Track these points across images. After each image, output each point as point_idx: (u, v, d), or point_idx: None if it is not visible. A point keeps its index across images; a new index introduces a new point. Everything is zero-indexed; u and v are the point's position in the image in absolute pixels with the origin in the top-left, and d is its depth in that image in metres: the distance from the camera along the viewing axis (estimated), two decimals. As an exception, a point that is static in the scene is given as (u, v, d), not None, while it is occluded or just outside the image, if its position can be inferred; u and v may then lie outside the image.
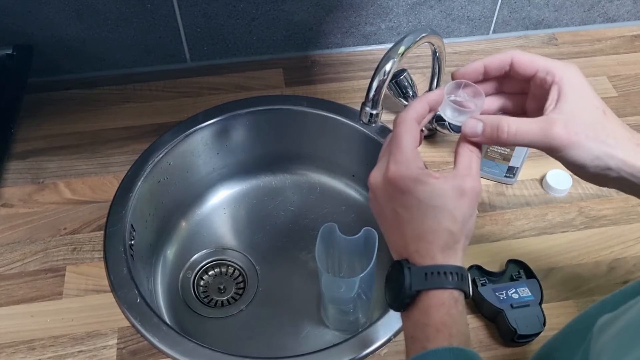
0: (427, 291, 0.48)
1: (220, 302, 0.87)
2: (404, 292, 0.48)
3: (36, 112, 0.91)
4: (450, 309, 0.48)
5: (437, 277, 0.48)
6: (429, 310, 0.48)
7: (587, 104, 0.50)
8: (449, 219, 0.49)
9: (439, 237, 0.49)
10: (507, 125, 0.50)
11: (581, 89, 0.50)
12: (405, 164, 0.50)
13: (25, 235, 0.76)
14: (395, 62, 0.63)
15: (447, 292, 0.48)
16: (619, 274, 0.73)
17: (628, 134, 0.50)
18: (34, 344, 0.67)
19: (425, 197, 0.49)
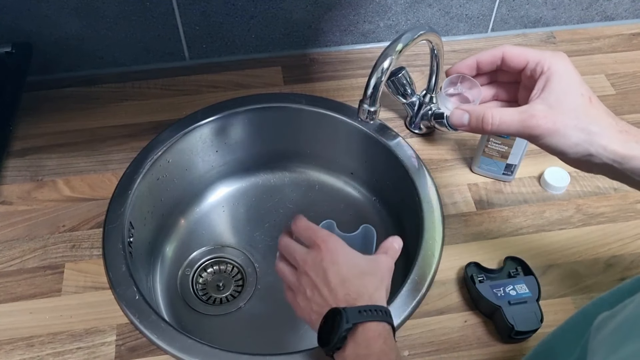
0: (362, 325, 0.55)
1: (219, 299, 0.88)
2: (342, 327, 0.54)
3: (35, 109, 0.91)
4: (386, 339, 0.55)
5: (370, 312, 0.55)
6: (369, 342, 0.54)
7: (572, 91, 0.51)
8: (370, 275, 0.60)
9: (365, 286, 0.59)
10: (492, 117, 0.52)
11: (567, 77, 0.52)
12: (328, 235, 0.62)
13: (24, 233, 0.77)
14: (393, 59, 0.63)
15: (382, 325, 0.55)
16: (616, 271, 0.73)
17: (612, 121, 0.51)
18: (33, 340, 0.67)
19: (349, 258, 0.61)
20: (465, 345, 0.67)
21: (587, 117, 0.51)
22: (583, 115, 0.51)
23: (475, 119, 0.53)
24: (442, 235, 0.76)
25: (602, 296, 0.50)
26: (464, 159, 0.85)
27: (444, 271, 0.73)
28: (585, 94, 0.52)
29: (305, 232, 0.64)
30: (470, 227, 0.78)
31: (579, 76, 0.53)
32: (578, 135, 0.51)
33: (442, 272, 0.73)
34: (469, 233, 0.77)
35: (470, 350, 0.66)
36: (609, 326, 0.41)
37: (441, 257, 0.74)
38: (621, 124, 0.52)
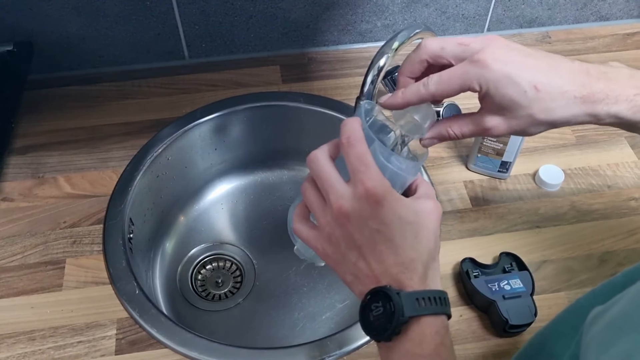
0: (418, 318, 0.46)
1: (217, 295, 0.89)
2: (397, 320, 0.45)
3: (36, 108, 0.92)
4: (444, 338, 0.46)
5: (429, 302, 0.46)
6: (424, 340, 0.46)
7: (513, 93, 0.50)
8: (425, 236, 0.48)
9: (421, 256, 0.48)
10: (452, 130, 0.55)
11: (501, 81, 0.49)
12: (380, 179, 0.47)
13: (25, 229, 0.77)
14: (389, 57, 0.64)
15: (440, 319, 0.47)
16: (610, 266, 0.74)
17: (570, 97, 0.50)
18: (34, 334, 0.68)
19: (403, 213, 0.47)
20: (461, 339, 0.68)
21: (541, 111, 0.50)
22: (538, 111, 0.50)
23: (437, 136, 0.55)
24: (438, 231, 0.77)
25: (594, 289, 0.51)
26: (460, 156, 0.86)
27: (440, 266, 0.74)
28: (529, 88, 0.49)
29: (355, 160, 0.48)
30: (466, 223, 0.79)
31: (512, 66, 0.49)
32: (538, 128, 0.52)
33: (438, 268, 0.74)
34: (465, 229, 0.78)
35: (466, 344, 0.67)
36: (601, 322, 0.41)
37: (437, 253, 0.75)
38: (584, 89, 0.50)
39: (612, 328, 0.39)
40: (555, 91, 0.50)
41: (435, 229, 0.49)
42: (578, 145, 0.88)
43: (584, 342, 0.42)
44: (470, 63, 0.50)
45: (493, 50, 0.50)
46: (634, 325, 0.37)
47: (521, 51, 0.51)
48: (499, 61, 0.49)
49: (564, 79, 0.50)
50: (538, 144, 0.87)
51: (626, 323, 0.38)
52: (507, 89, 0.49)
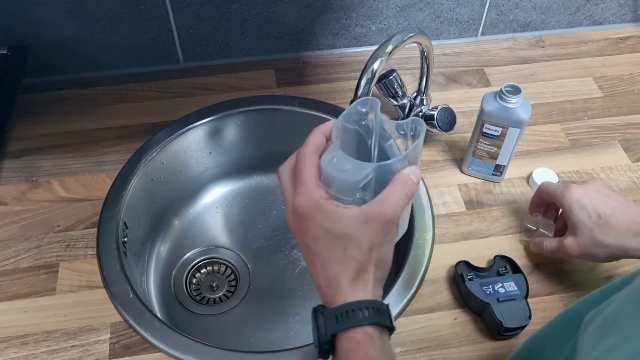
0: (342, 333, 0.47)
1: (212, 299, 0.88)
2: (321, 339, 0.48)
3: (30, 112, 0.91)
4: (367, 349, 0.47)
5: (347, 316, 0.47)
6: (348, 355, 0.47)
7: (583, 217, 0.65)
8: (353, 247, 0.48)
9: (345, 267, 0.48)
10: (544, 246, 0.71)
11: (577, 206, 0.66)
12: (307, 195, 0.49)
13: (19, 233, 0.77)
14: (383, 60, 0.64)
15: (360, 331, 0.47)
16: (603, 269, 0.74)
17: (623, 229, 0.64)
18: (28, 339, 0.67)
19: (329, 225, 0.48)
20: (456, 342, 0.68)
21: (600, 234, 0.64)
22: (598, 233, 0.64)
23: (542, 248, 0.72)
24: (432, 235, 0.77)
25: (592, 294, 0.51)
26: (454, 160, 0.87)
27: (434, 270, 0.74)
28: (594, 214, 0.65)
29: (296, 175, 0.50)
30: (460, 226, 0.79)
31: (586, 199, 0.66)
32: (600, 250, 0.65)
33: (432, 271, 0.74)
34: (459, 232, 0.78)
35: (460, 347, 0.67)
36: (593, 324, 0.41)
37: (432, 256, 0.75)
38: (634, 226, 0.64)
39: (602, 328, 0.40)
40: (613, 222, 0.64)
41: (368, 238, 0.48)
42: (572, 148, 0.88)
43: (579, 343, 0.42)
44: (565, 187, 0.68)
45: (585, 185, 0.68)
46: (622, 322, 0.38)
47: (605, 193, 0.67)
48: (582, 193, 0.66)
49: (624, 215, 0.64)
50: (532, 147, 0.88)
51: (616, 321, 0.39)
52: (579, 212, 0.66)
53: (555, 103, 0.95)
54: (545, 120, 0.92)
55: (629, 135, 0.90)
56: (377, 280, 0.49)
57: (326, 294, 0.49)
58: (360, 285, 0.48)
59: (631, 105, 0.95)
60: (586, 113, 0.93)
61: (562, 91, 0.97)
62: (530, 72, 1.00)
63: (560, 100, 0.95)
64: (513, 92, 0.75)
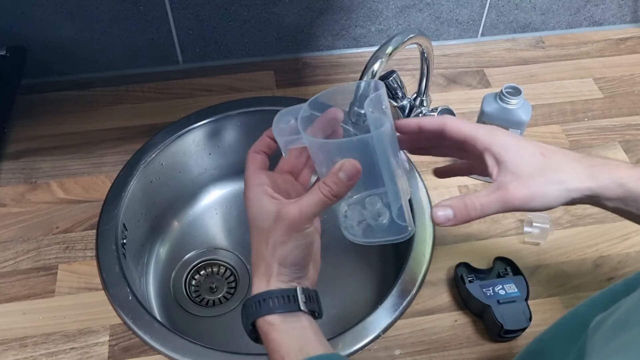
0: (256, 323, 0.51)
1: (211, 301, 0.88)
2: (245, 329, 0.53)
3: (29, 113, 0.91)
4: (270, 334, 0.50)
5: (254, 308, 0.51)
6: (265, 340, 0.51)
7: (524, 155, 0.53)
8: (262, 243, 0.51)
9: (257, 261, 0.52)
10: (473, 205, 0.53)
11: (513, 145, 0.54)
12: (246, 186, 0.53)
13: (18, 234, 0.77)
14: (383, 61, 0.64)
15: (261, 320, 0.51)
16: (604, 271, 0.74)
17: (574, 162, 0.54)
18: (26, 341, 0.67)
19: (253, 216, 0.52)
20: (456, 344, 0.68)
21: (550, 170, 0.53)
22: (547, 170, 0.53)
23: (460, 210, 0.53)
24: (432, 237, 0.77)
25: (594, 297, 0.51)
26: (454, 161, 0.86)
27: (434, 271, 0.74)
28: (536, 152, 0.54)
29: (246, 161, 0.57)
30: (461, 228, 0.78)
31: (521, 139, 0.55)
32: (555, 188, 0.52)
33: (432, 273, 0.74)
34: (459, 234, 0.78)
35: (461, 349, 0.67)
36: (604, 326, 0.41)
37: (432, 258, 0.75)
38: (585, 160, 0.54)
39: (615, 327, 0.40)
40: (560, 156, 0.54)
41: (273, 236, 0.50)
42: (572, 149, 0.87)
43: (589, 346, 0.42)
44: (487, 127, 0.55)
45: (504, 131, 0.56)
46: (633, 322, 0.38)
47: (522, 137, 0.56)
48: (511, 135, 0.55)
49: (564, 152, 0.55)
50: (532, 148, 0.88)
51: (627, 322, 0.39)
52: (518, 152, 0.53)
53: (555, 104, 0.95)
54: (546, 121, 0.92)
55: (629, 137, 0.90)
56: (282, 274, 0.52)
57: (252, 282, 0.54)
58: (264, 278, 0.52)
59: (631, 106, 0.95)
60: (586, 114, 0.93)
61: (562, 92, 0.97)
62: (530, 73, 1.00)
63: (560, 101, 0.95)
64: (513, 93, 0.75)
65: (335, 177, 0.49)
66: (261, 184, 0.53)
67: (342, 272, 0.89)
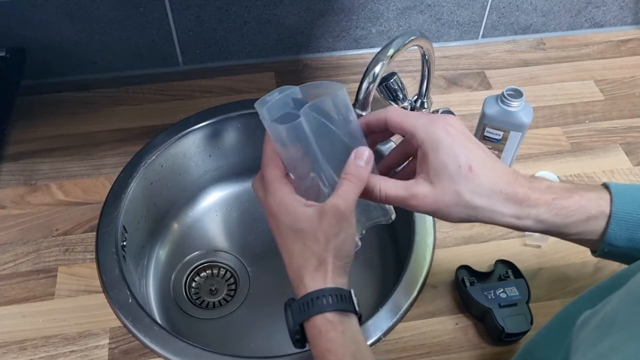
0: (306, 323, 0.51)
1: (212, 303, 0.88)
2: (290, 330, 0.52)
3: (29, 114, 0.91)
4: (328, 333, 0.50)
5: (308, 306, 0.50)
6: (313, 342, 0.51)
7: (449, 164, 0.50)
8: (311, 240, 0.51)
9: (306, 260, 0.52)
10: (379, 189, 0.52)
11: (444, 148, 0.51)
12: (273, 194, 0.53)
13: (17, 237, 0.77)
14: (385, 64, 0.64)
15: (320, 318, 0.50)
16: (605, 274, 0.74)
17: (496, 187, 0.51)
18: (26, 344, 0.67)
19: (289, 221, 0.52)
20: (457, 347, 0.67)
21: (467, 191, 0.51)
22: (464, 189, 0.50)
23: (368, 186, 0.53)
24: (433, 239, 0.76)
25: (582, 295, 0.51)
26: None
27: (435, 274, 0.74)
28: (464, 164, 0.50)
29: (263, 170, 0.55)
30: (461, 230, 0.78)
31: (458, 142, 0.51)
32: (461, 211, 0.51)
33: (433, 276, 0.74)
34: (460, 236, 0.78)
35: (462, 352, 0.67)
36: (590, 324, 0.41)
37: (432, 261, 0.75)
38: (509, 187, 0.51)
39: (600, 329, 0.40)
40: (486, 180, 0.51)
41: (323, 231, 0.50)
42: (573, 151, 0.88)
43: (574, 345, 0.42)
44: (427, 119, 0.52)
45: (445, 120, 0.52)
46: (620, 324, 0.38)
47: (468, 135, 0.53)
48: (448, 132, 0.51)
49: (496, 173, 0.51)
50: (533, 150, 0.87)
51: (613, 323, 0.39)
52: (447, 158, 0.50)
53: (556, 106, 0.95)
54: (547, 123, 0.92)
55: (630, 139, 0.90)
56: (337, 269, 0.52)
57: (294, 287, 0.53)
58: (319, 275, 0.51)
59: (632, 108, 0.95)
60: (587, 116, 0.93)
61: (563, 94, 0.97)
62: (531, 75, 1.00)
63: (561, 103, 0.95)
64: (515, 95, 0.74)
65: (354, 166, 0.51)
66: (291, 191, 0.53)
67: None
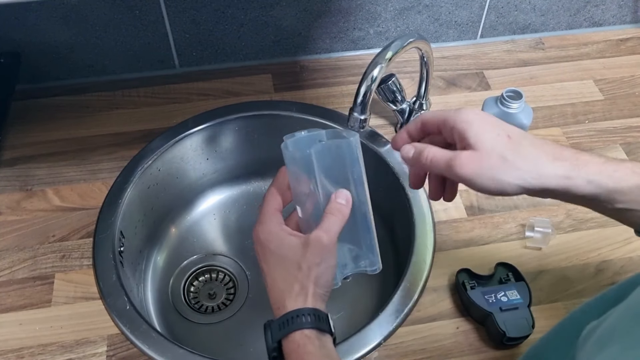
0: (285, 340, 0.54)
1: (210, 307, 0.87)
2: (268, 347, 0.55)
3: (24, 119, 0.90)
4: (306, 346, 0.53)
5: (287, 324, 0.54)
6: (290, 356, 0.53)
7: (488, 134, 0.51)
8: (294, 268, 0.55)
9: (289, 285, 0.55)
10: (427, 154, 0.54)
11: (479, 123, 0.52)
12: (263, 222, 0.58)
13: (13, 243, 0.76)
14: (383, 67, 0.63)
15: (298, 333, 0.53)
16: (606, 275, 0.73)
17: (540, 151, 0.51)
18: (23, 352, 0.66)
19: (276, 248, 0.56)
20: (458, 351, 0.67)
21: (511, 152, 0.51)
22: (507, 151, 0.51)
23: (416, 153, 0.55)
24: (433, 242, 0.76)
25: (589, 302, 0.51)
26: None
27: (435, 278, 0.73)
28: (502, 133, 0.52)
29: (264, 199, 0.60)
30: (461, 233, 0.78)
31: (490, 118, 0.53)
32: (508, 174, 0.50)
33: (433, 279, 0.73)
34: (460, 239, 0.77)
35: (462, 356, 0.67)
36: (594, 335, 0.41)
37: (432, 264, 0.74)
38: (554, 151, 0.51)
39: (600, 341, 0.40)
40: (527, 144, 0.51)
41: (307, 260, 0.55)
42: (573, 152, 0.87)
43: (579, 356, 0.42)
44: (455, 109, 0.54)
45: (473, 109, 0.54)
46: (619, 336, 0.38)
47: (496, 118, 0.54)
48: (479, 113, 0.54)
49: (536, 140, 0.53)
50: (533, 151, 0.87)
51: (614, 334, 0.39)
52: (483, 129, 0.52)
53: (555, 106, 0.94)
54: (546, 124, 0.91)
55: (630, 139, 0.89)
56: (317, 295, 0.55)
57: (275, 309, 0.56)
58: (300, 299, 0.55)
59: (632, 108, 0.94)
60: (587, 116, 0.93)
61: (563, 94, 0.96)
62: (530, 75, 0.99)
63: (561, 103, 0.94)
64: (514, 97, 0.74)
65: (336, 203, 0.57)
66: (280, 222, 0.58)
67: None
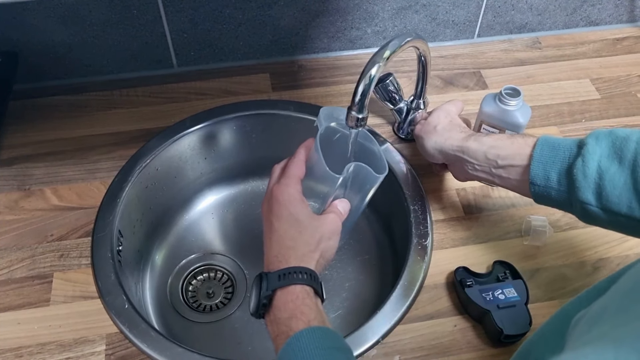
0: (281, 289, 0.56)
1: (209, 306, 0.87)
2: (262, 294, 0.56)
3: (22, 118, 0.90)
4: (304, 299, 0.56)
5: (289, 276, 0.57)
6: (287, 305, 0.55)
7: (438, 116, 0.75)
8: (308, 234, 0.60)
9: (297, 245, 0.59)
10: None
11: (440, 111, 0.75)
12: (286, 185, 0.61)
13: (11, 242, 0.76)
14: (381, 66, 0.64)
15: (299, 287, 0.56)
16: (603, 273, 0.74)
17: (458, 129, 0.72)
18: (21, 351, 0.66)
19: (293, 210, 0.60)
20: (456, 349, 0.67)
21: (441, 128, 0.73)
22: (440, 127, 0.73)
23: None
24: (431, 240, 0.76)
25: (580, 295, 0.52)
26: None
27: (433, 276, 0.73)
28: (447, 117, 0.74)
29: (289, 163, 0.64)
30: (459, 231, 0.78)
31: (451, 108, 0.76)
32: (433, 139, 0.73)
33: (431, 277, 0.73)
34: (458, 237, 0.77)
35: (460, 354, 0.67)
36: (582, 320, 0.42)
37: (430, 262, 0.74)
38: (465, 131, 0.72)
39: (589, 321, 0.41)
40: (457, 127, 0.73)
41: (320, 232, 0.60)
42: (570, 151, 0.87)
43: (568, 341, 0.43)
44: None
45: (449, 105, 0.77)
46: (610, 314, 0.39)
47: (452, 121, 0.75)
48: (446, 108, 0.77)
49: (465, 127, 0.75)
50: (530, 150, 0.87)
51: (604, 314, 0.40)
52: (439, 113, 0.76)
53: (552, 105, 0.94)
54: (543, 122, 0.92)
55: (627, 137, 0.89)
56: (319, 265, 0.60)
57: (273, 263, 0.59)
58: (306, 259, 0.59)
59: (629, 107, 0.94)
60: (584, 115, 0.93)
61: (560, 93, 0.96)
62: (527, 74, 0.99)
63: (557, 102, 0.95)
64: (512, 94, 0.74)
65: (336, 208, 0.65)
66: (300, 191, 0.62)
67: (340, 277, 0.88)
